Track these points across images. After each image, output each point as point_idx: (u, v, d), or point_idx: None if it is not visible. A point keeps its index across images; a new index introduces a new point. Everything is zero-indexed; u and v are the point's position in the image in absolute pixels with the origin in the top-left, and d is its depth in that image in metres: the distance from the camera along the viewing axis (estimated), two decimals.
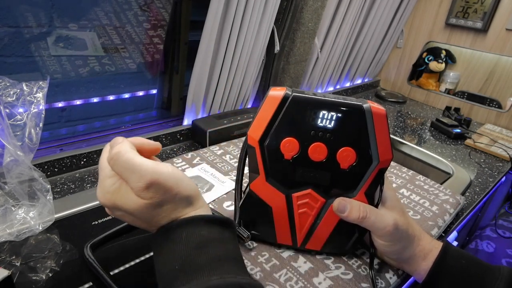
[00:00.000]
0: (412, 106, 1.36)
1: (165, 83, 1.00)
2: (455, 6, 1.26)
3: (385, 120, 0.41)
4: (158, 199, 0.34)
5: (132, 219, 0.36)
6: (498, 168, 0.93)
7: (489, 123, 1.24)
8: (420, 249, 0.46)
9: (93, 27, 0.85)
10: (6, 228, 0.50)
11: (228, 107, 0.97)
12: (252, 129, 0.42)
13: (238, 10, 0.77)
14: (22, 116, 0.50)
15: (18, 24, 0.73)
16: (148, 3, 0.93)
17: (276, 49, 0.96)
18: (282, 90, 0.41)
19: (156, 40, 0.97)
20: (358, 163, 0.42)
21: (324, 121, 0.41)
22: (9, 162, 0.49)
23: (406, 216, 0.47)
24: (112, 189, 0.34)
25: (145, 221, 0.35)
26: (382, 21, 1.24)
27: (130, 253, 0.48)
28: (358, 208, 0.42)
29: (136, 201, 0.33)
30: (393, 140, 1.05)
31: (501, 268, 0.44)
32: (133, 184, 0.33)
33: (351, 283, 0.47)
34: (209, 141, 0.82)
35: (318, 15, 0.95)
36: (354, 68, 1.36)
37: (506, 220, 1.13)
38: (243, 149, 0.45)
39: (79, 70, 0.85)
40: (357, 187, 0.44)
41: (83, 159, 0.70)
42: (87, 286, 0.43)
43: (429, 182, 0.75)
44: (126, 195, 0.34)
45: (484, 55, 1.27)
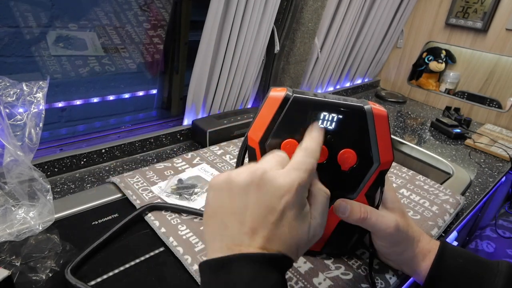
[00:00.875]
0: (412, 106, 1.36)
1: (165, 83, 1.00)
2: (455, 6, 1.26)
3: (386, 122, 0.41)
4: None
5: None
6: (498, 168, 0.93)
7: (489, 123, 1.24)
8: (419, 250, 0.46)
9: (93, 27, 0.85)
10: (6, 228, 0.50)
11: (228, 107, 0.97)
12: (252, 130, 0.42)
13: (238, 10, 0.77)
14: (22, 116, 0.50)
15: (18, 24, 0.73)
16: (148, 3, 0.93)
17: (276, 49, 0.96)
18: (283, 91, 0.41)
19: (156, 40, 0.97)
20: (359, 165, 0.42)
21: (325, 122, 0.41)
22: (9, 162, 0.49)
23: (406, 217, 0.47)
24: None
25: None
26: (382, 21, 1.24)
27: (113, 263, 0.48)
28: (358, 209, 0.42)
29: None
30: (393, 140, 1.05)
31: (500, 263, 0.44)
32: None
33: (351, 283, 0.47)
34: (209, 141, 0.82)
35: (318, 15, 0.95)
36: (354, 68, 1.36)
37: (506, 220, 1.13)
38: (241, 150, 0.45)
39: (79, 70, 0.85)
40: (358, 188, 0.44)
41: (83, 159, 0.70)
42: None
43: (429, 182, 0.75)
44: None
45: (484, 55, 1.27)
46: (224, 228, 0.32)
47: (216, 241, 0.32)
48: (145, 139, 0.78)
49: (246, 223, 0.31)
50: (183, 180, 0.65)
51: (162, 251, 0.50)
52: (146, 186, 0.63)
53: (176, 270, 0.48)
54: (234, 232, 0.31)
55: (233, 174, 0.33)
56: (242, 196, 0.32)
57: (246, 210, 0.32)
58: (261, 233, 0.31)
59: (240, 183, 0.32)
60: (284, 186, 0.32)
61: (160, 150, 0.81)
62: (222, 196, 0.33)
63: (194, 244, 0.51)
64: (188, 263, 0.48)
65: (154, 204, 0.57)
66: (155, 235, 0.53)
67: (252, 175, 0.32)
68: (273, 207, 0.31)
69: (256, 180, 0.32)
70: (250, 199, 0.32)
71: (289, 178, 0.32)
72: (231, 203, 0.32)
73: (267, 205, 0.31)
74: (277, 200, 0.31)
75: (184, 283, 0.46)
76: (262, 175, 0.32)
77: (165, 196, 0.60)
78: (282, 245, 0.32)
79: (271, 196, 0.31)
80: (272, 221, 0.31)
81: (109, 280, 0.45)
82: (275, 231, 0.31)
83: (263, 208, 0.31)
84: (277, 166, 0.34)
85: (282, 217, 0.32)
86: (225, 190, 0.33)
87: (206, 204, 0.35)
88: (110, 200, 0.61)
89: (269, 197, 0.31)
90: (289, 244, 0.32)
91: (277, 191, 0.31)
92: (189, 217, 0.57)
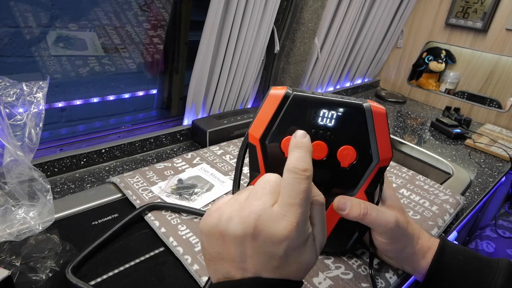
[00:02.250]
0: (412, 106, 1.36)
1: (165, 83, 1.00)
2: (455, 6, 1.26)
3: (385, 119, 0.41)
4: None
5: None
6: (498, 168, 0.93)
7: (489, 123, 1.24)
8: (419, 247, 0.46)
9: (93, 27, 0.85)
10: (6, 228, 0.50)
11: (228, 107, 0.97)
12: (253, 127, 0.43)
13: (238, 10, 0.77)
14: (22, 116, 0.50)
15: (18, 24, 0.73)
16: (148, 3, 0.93)
17: (276, 49, 0.96)
18: (283, 89, 0.41)
19: (156, 40, 0.97)
20: (358, 162, 0.43)
21: (324, 119, 0.41)
22: (9, 162, 0.49)
23: (406, 215, 0.47)
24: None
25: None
26: (382, 21, 1.24)
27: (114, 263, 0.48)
28: (358, 205, 0.43)
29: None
30: (393, 140, 1.05)
31: (499, 261, 0.44)
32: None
33: (351, 283, 0.47)
34: (209, 141, 0.82)
35: (318, 15, 0.95)
36: (354, 68, 1.36)
37: (506, 220, 1.13)
38: (242, 147, 0.45)
39: (79, 70, 0.85)
40: (358, 185, 0.44)
41: (83, 159, 0.70)
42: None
43: (429, 182, 0.75)
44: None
45: (484, 55, 1.27)
46: (227, 273, 0.30)
47: (221, 278, 0.31)
48: (145, 139, 0.78)
49: (249, 269, 0.30)
50: (183, 180, 0.65)
51: (162, 251, 0.50)
52: (146, 186, 0.63)
53: (176, 270, 0.48)
54: (238, 276, 0.30)
55: (223, 219, 0.30)
56: (238, 246, 0.29)
57: (245, 258, 0.29)
58: (266, 275, 0.30)
59: (232, 234, 0.29)
60: (281, 232, 0.28)
61: (160, 150, 0.81)
62: (215, 243, 0.31)
63: (194, 244, 0.51)
64: (188, 263, 0.48)
65: (154, 204, 0.57)
66: (155, 235, 0.53)
67: (244, 224, 0.29)
68: (274, 254, 0.29)
69: (250, 231, 0.29)
70: (247, 250, 0.29)
71: (285, 221, 0.29)
72: (227, 251, 0.30)
73: (267, 253, 0.29)
74: (277, 247, 0.29)
75: (184, 283, 0.46)
76: (255, 223, 0.29)
77: (165, 196, 0.60)
78: (293, 275, 0.31)
79: (270, 245, 0.29)
80: (275, 266, 0.29)
81: (109, 280, 0.45)
82: (281, 271, 0.30)
83: (263, 256, 0.29)
84: (270, 200, 0.30)
85: (287, 259, 0.29)
86: (217, 238, 0.30)
87: (202, 247, 0.33)
88: (110, 200, 0.61)
89: (268, 245, 0.29)
90: (299, 272, 0.31)
91: (275, 238, 0.28)
92: (189, 217, 0.57)
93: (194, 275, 0.46)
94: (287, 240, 0.29)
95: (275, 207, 0.29)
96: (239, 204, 0.31)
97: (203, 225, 0.32)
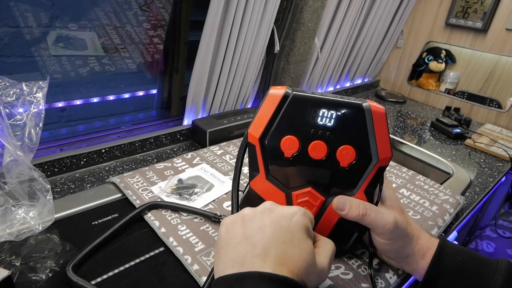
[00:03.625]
0: (412, 106, 1.36)
1: (165, 83, 1.00)
2: (455, 6, 1.26)
3: (384, 119, 0.41)
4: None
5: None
6: (498, 168, 0.93)
7: (489, 123, 1.24)
8: (419, 248, 0.46)
9: (93, 27, 0.85)
10: (6, 228, 0.50)
11: (228, 107, 0.97)
12: (253, 127, 0.43)
13: (238, 10, 0.77)
14: (22, 116, 0.50)
15: (18, 24, 0.73)
16: (148, 3, 0.93)
17: (276, 49, 0.96)
18: (283, 89, 0.42)
19: (156, 40, 0.97)
20: (358, 161, 0.43)
21: (324, 119, 0.41)
22: (9, 162, 0.49)
23: (406, 215, 0.47)
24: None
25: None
26: (382, 21, 1.24)
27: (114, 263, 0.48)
28: (357, 205, 0.43)
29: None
30: (393, 140, 1.05)
31: (499, 261, 0.44)
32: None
33: (351, 283, 0.47)
34: (209, 141, 0.82)
35: (318, 15, 0.95)
36: (354, 68, 1.36)
37: (506, 220, 1.13)
38: (241, 147, 0.45)
39: (79, 70, 0.85)
40: (357, 185, 0.44)
41: (83, 159, 0.70)
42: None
43: (429, 182, 0.75)
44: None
45: (484, 55, 1.27)
46: (236, 254, 0.34)
47: (228, 267, 0.33)
48: (145, 139, 0.78)
49: (258, 244, 0.34)
50: (183, 180, 0.65)
51: (162, 251, 0.50)
52: (146, 186, 0.63)
53: (176, 270, 0.48)
54: (247, 255, 0.33)
55: (245, 209, 0.38)
56: (254, 220, 0.36)
57: (257, 232, 0.35)
58: (273, 253, 0.33)
59: (252, 212, 0.37)
60: (293, 209, 0.38)
61: (160, 150, 0.81)
62: (234, 228, 0.36)
63: (194, 244, 0.51)
64: (188, 263, 0.48)
65: (155, 203, 0.57)
66: (155, 235, 0.53)
67: (264, 205, 0.38)
68: (285, 226, 0.35)
69: (268, 206, 0.38)
70: (262, 221, 0.36)
71: (294, 207, 0.38)
72: (243, 230, 0.35)
73: (278, 225, 0.35)
74: (288, 220, 0.36)
75: (184, 283, 0.46)
76: (272, 205, 0.38)
77: (165, 196, 0.60)
78: (295, 267, 0.33)
79: (283, 217, 0.36)
80: (283, 240, 0.34)
81: (109, 280, 0.45)
82: (286, 250, 0.34)
83: (275, 227, 0.35)
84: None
85: (293, 237, 0.35)
86: (237, 222, 0.37)
87: (218, 238, 0.37)
88: (110, 200, 0.61)
89: (281, 218, 0.36)
90: (300, 267, 0.34)
91: (288, 212, 0.37)
92: (189, 217, 0.57)
93: (194, 275, 0.46)
94: (297, 215, 0.37)
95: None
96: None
97: (225, 219, 0.38)
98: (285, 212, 0.37)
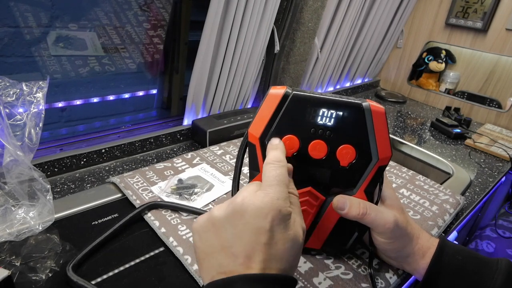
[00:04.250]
0: (412, 106, 1.36)
1: (165, 83, 1.00)
2: (455, 6, 1.26)
3: (384, 118, 0.42)
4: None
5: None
6: (498, 168, 0.93)
7: (489, 123, 1.24)
8: (419, 247, 0.46)
9: (93, 27, 0.85)
10: (6, 228, 0.50)
11: (228, 107, 0.97)
12: (253, 126, 0.43)
13: (238, 10, 0.77)
14: (22, 116, 0.50)
15: (18, 24, 0.73)
16: (148, 3, 0.93)
17: (276, 49, 0.96)
18: (283, 89, 0.42)
19: (156, 40, 0.97)
20: (358, 161, 0.43)
21: (324, 119, 0.41)
22: (9, 162, 0.49)
23: (405, 214, 0.47)
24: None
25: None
26: (382, 21, 1.24)
27: (114, 263, 0.48)
28: (357, 204, 0.43)
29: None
30: (393, 140, 1.05)
31: (499, 261, 0.44)
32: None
33: (351, 283, 0.47)
34: (209, 141, 0.82)
35: (318, 15, 0.95)
36: (354, 68, 1.36)
37: (506, 220, 1.13)
38: (241, 146, 0.45)
39: (79, 70, 0.85)
40: (357, 184, 0.44)
41: (83, 159, 0.70)
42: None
43: (429, 182, 0.75)
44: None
45: (484, 55, 1.27)
46: (218, 264, 0.32)
47: (215, 276, 0.32)
48: (145, 139, 0.78)
49: (239, 253, 0.31)
50: (183, 180, 0.65)
51: (162, 251, 0.50)
52: (146, 186, 0.63)
53: (176, 270, 0.48)
54: (230, 265, 0.31)
55: (213, 211, 0.34)
56: (227, 227, 0.32)
57: (235, 240, 0.32)
58: (257, 258, 0.31)
59: (222, 216, 0.33)
60: (265, 205, 0.32)
61: (160, 150, 0.81)
62: (207, 236, 0.33)
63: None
64: (188, 263, 0.48)
65: (155, 202, 0.57)
66: (155, 235, 0.53)
67: (232, 205, 0.32)
68: (261, 227, 0.31)
69: (238, 208, 0.32)
70: (236, 228, 0.32)
71: (268, 196, 0.32)
72: (219, 239, 0.32)
73: (254, 228, 0.31)
74: (263, 220, 0.31)
75: (184, 283, 0.46)
76: (242, 202, 0.32)
77: (165, 196, 0.60)
78: (283, 262, 0.32)
79: (256, 218, 0.31)
80: (264, 242, 0.31)
81: (109, 280, 0.45)
82: (270, 251, 0.31)
83: (252, 231, 0.31)
84: (254, 189, 0.34)
85: (273, 235, 0.31)
86: (209, 229, 0.33)
87: (194, 247, 0.34)
88: (110, 200, 0.61)
89: (254, 219, 0.31)
90: (288, 260, 0.32)
91: (260, 211, 0.31)
92: (189, 217, 0.57)
93: (194, 275, 0.46)
94: (271, 212, 0.31)
95: (258, 192, 0.33)
96: (227, 201, 0.34)
97: (195, 225, 0.35)
98: (257, 212, 0.31)
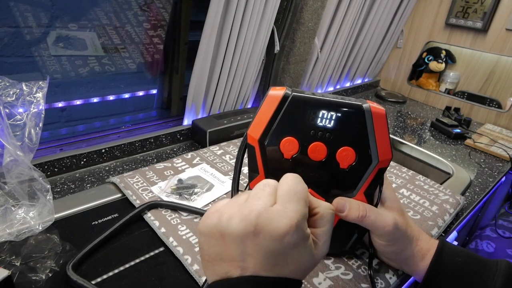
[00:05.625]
0: (412, 106, 1.36)
1: (165, 83, 1.00)
2: (455, 6, 1.26)
3: (384, 120, 0.41)
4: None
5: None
6: (498, 168, 0.93)
7: (489, 123, 1.24)
8: (418, 249, 0.46)
9: (93, 27, 0.85)
10: (6, 228, 0.50)
11: (228, 107, 0.97)
12: (252, 128, 0.42)
13: (238, 10, 0.77)
14: (22, 116, 0.50)
15: (18, 24, 0.73)
16: (148, 3, 0.93)
17: (276, 49, 0.96)
18: (282, 90, 0.41)
19: (156, 40, 0.97)
20: (358, 163, 0.42)
21: (323, 120, 0.41)
22: (9, 162, 0.49)
23: (405, 216, 0.47)
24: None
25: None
26: (382, 21, 1.24)
27: (113, 263, 0.48)
28: (357, 207, 0.42)
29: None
30: (393, 140, 1.05)
31: (499, 262, 0.44)
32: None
33: (351, 283, 0.47)
34: (209, 141, 0.82)
35: (318, 15, 0.95)
36: (354, 68, 1.36)
37: (506, 220, 1.13)
38: (240, 148, 0.45)
39: (79, 70, 0.85)
40: (357, 187, 0.44)
41: (83, 159, 0.70)
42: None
43: (429, 182, 0.75)
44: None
45: (484, 55, 1.27)
46: (225, 273, 0.30)
47: (219, 278, 0.31)
48: (145, 139, 0.78)
49: (248, 268, 0.29)
50: (183, 180, 0.65)
51: (162, 251, 0.50)
52: (146, 186, 0.63)
53: (176, 270, 0.48)
54: (237, 275, 0.30)
55: (223, 219, 0.30)
56: (239, 245, 0.29)
57: (245, 257, 0.29)
58: (266, 274, 0.29)
59: (233, 233, 0.29)
60: (282, 228, 0.29)
61: (160, 150, 0.81)
62: (215, 243, 0.31)
63: (194, 244, 0.51)
64: (188, 263, 0.48)
65: (155, 202, 0.57)
66: (155, 235, 0.53)
67: (246, 222, 0.29)
68: (274, 250, 0.29)
69: (251, 228, 0.29)
70: (248, 248, 0.29)
71: (287, 215, 0.29)
72: (227, 251, 0.30)
73: (267, 251, 0.29)
74: (279, 243, 0.29)
75: (184, 283, 0.46)
76: (256, 221, 0.29)
77: (165, 196, 0.60)
78: (290, 275, 0.31)
79: (271, 242, 0.29)
80: (275, 263, 0.29)
81: (109, 279, 0.45)
82: (280, 270, 0.30)
83: (264, 254, 0.29)
84: (269, 200, 0.30)
85: (286, 258, 0.30)
86: (217, 237, 0.30)
87: (200, 248, 0.32)
88: (110, 200, 0.61)
89: (269, 242, 0.29)
90: (297, 272, 0.31)
91: (277, 233, 0.28)
92: (189, 217, 0.57)
93: (194, 275, 0.46)
94: (287, 236, 0.29)
95: (275, 206, 0.30)
96: (239, 205, 0.31)
97: (202, 226, 0.32)
98: (274, 233, 0.28)
